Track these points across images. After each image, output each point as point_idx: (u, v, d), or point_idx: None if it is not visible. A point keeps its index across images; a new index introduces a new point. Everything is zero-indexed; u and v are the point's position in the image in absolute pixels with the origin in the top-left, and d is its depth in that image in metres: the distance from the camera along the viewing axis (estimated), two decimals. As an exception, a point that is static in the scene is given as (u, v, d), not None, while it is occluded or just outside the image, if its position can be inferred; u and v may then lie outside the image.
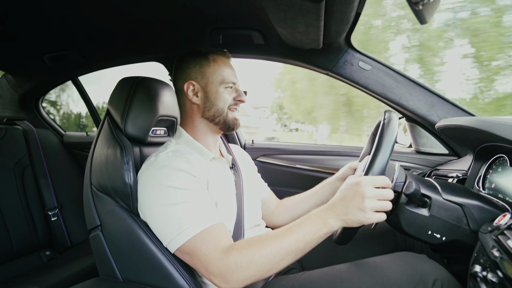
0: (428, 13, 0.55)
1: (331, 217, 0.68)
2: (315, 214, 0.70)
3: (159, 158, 0.81)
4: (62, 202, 1.74)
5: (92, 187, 0.91)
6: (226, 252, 0.69)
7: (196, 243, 0.71)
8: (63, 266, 1.45)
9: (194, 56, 0.92)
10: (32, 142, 1.73)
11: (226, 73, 0.91)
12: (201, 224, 0.72)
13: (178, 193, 0.74)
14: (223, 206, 0.84)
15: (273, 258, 0.67)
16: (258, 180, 1.17)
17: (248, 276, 0.68)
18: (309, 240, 0.68)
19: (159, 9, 1.02)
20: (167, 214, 0.74)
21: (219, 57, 0.92)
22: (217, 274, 0.68)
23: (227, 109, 0.91)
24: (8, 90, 1.79)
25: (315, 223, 0.68)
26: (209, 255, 0.69)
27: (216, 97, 0.90)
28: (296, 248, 0.68)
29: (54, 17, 1.06)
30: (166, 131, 1.10)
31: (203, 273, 0.71)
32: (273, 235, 0.71)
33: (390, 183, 0.69)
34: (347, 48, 1.22)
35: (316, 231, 0.68)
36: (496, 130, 0.80)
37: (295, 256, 0.69)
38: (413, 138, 1.37)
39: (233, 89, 0.93)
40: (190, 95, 0.90)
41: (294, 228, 0.70)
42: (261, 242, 0.69)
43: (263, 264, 0.67)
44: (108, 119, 0.98)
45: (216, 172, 0.89)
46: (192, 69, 0.90)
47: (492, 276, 0.53)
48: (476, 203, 0.72)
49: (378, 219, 0.66)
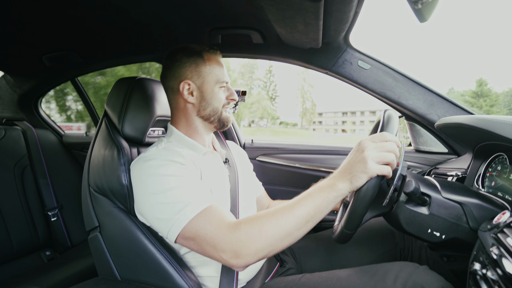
0: (427, 11, 0.55)
1: (338, 180, 0.67)
2: (324, 181, 0.69)
3: (148, 152, 0.80)
4: (61, 202, 1.74)
5: (90, 188, 0.91)
6: (234, 225, 0.67)
7: (198, 223, 0.68)
8: (63, 266, 1.45)
9: (189, 54, 0.89)
10: (31, 142, 1.73)
11: (220, 73, 0.91)
12: (199, 205, 0.69)
13: (170, 179, 0.72)
14: (216, 200, 0.83)
15: (284, 226, 0.65)
16: (254, 179, 1.17)
17: (260, 247, 0.64)
18: (319, 205, 0.66)
19: (158, 8, 1.02)
20: (162, 201, 0.71)
21: (212, 56, 0.92)
22: (227, 249, 0.65)
23: (221, 108, 0.92)
24: (7, 90, 1.78)
25: (323, 188, 0.67)
26: (215, 231, 0.66)
27: (212, 97, 0.90)
28: (307, 214, 0.65)
29: (52, 17, 1.05)
30: (164, 132, 1.10)
31: (211, 253, 0.67)
32: (283, 206, 0.68)
33: (389, 137, 0.67)
34: (346, 47, 1.22)
35: (326, 196, 0.66)
36: (496, 128, 0.80)
37: (307, 223, 0.66)
38: (413, 137, 1.38)
39: (226, 88, 0.94)
40: (186, 94, 0.89)
41: (304, 197, 0.68)
42: (271, 213, 0.67)
43: (275, 233, 0.64)
44: (106, 120, 0.98)
45: (209, 165, 0.88)
46: (188, 68, 0.89)
47: (491, 274, 0.53)
48: (476, 201, 0.72)
49: (381, 170, 0.64)
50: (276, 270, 0.98)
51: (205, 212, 0.69)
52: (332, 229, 0.88)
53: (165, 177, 0.73)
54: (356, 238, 1.00)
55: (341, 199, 0.68)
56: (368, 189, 0.66)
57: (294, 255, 1.06)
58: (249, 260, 0.65)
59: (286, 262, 1.01)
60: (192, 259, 0.83)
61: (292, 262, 1.03)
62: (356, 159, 0.66)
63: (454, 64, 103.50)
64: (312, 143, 1.65)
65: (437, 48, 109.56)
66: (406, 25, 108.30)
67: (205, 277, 0.83)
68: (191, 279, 0.78)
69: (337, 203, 0.67)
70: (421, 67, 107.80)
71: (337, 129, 44.46)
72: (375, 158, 0.64)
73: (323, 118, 47.69)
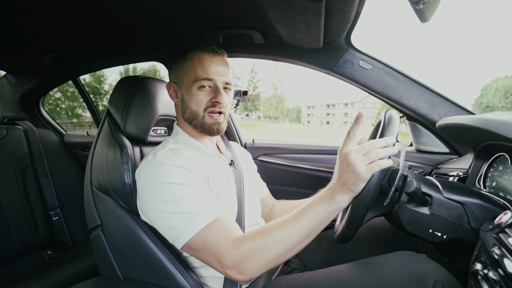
0: (428, 12, 0.55)
1: (337, 192, 0.67)
2: (323, 193, 0.70)
3: (157, 156, 0.79)
4: (63, 201, 1.75)
5: (92, 187, 0.91)
6: (238, 241, 0.67)
7: (206, 236, 0.68)
8: (65, 266, 1.46)
9: (176, 55, 0.90)
10: (33, 142, 1.73)
11: (199, 69, 0.83)
12: (208, 216, 0.70)
13: (179, 188, 0.72)
14: (223, 203, 0.83)
15: (287, 240, 0.66)
16: (258, 180, 1.17)
17: (264, 263, 0.66)
18: (320, 218, 0.67)
19: (160, 8, 1.02)
20: (171, 210, 0.71)
21: (198, 53, 0.84)
22: (232, 265, 0.66)
23: (203, 112, 0.85)
24: (9, 90, 1.79)
25: (323, 200, 0.68)
26: (221, 246, 0.67)
27: (190, 99, 0.85)
28: (309, 228, 0.67)
29: (54, 17, 1.06)
30: (166, 131, 1.10)
31: (216, 267, 0.69)
32: (284, 219, 0.70)
33: (374, 145, 0.65)
34: (347, 47, 1.22)
35: (326, 208, 0.67)
36: (497, 128, 0.80)
37: (308, 236, 0.68)
38: (414, 137, 1.37)
39: (212, 89, 0.85)
40: (173, 96, 0.90)
41: (304, 210, 0.69)
42: (273, 228, 0.68)
43: (278, 248, 0.66)
44: (108, 119, 0.99)
45: (215, 169, 0.88)
46: (172, 70, 0.90)
47: (493, 274, 0.53)
48: (477, 201, 0.72)
49: (372, 170, 0.63)
50: (281, 270, 0.98)
51: (213, 225, 0.69)
52: (333, 229, 0.88)
53: (173, 186, 0.73)
54: (360, 237, 1.00)
55: (342, 210, 0.69)
56: (369, 189, 0.66)
57: (298, 255, 1.06)
58: (252, 275, 0.66)
59: (291, 262, 1.02)
60: (195, 259, 0.83)
61: (297, 262, 1.03)
62: (346, 170, 0.66)
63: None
64: (313, 143, 1.65)
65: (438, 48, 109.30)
66: (406, 25, 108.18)
67: (208, 277, 0.83)
68: (193, 279, 0.78)
69: (338, 214, 0.69)
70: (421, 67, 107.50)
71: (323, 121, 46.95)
72: (362, 162, 0.64)
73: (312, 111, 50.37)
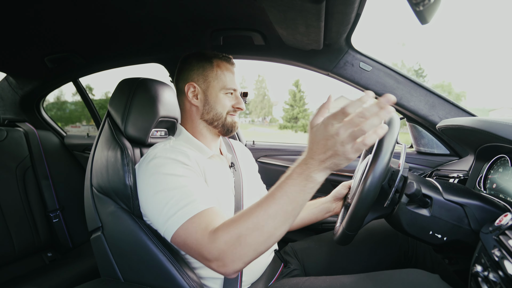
0: (428, 13, 0.55)
1: (313, 170, 0.58)
2: (296, 171, 0.61)
3: (155, 149, 0.82)
4: (63, 203, 1.74)
5: (92, 188, 0.91)
6: (213, 234, 0.65)
7: (187, 230, 0.68)
8: (65, 267, 1.45)
9: (199, 58, 0.92)
10: (33, 143, 1.73)
11: (228, 79, 0.92)
12: (192, 210, 0.69)
13: (169, 179, 0.74)
14: (220, 204, 0.84)
15: (262, 228, 0.61)
16: (259, 181, 1.17)
17: (243, 253, 0.62)
18: (296, 200, 0.60)
19: (160, 10, 1.03)
20: (159, 201, 0.73)
21: (223, 63, 0.93)
22: (212, 258, 0.64)
23: (225, 114, 0.92)
24: (9, 92, 1.79)
25: (297, 181, 0.60)
26: (199, 240, 0.66)
27: (216, 102, 0.91)
28: (285, 212, 0.60)
29: (55, 18, 1.06)
30: (166, 132, 1.10)
31: (201, 261, 0.68)
32: (256, 205, 0.64)
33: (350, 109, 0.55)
34: (347, 49, 1.22)
35: (301, 189, 0.59)
36: (497, 130, 0.80)
37: (287, 220, 0.61)
38: (414, 138, 1.37)
39: (233, 95, 0.94)
40: (190, 96, 0.91)
41: (275, 192, 0.61)
42: (245, 215, 0.63)
43: (254, 237, 0.61)
44: (109, 120, 0.99)
45: (214, 169, 0.88)
46: (195, 71, 0.91)
47: (493, 276, 0.53)
48: (477, 203, 0.71)
49: (358, 150, 0.54)
50: (281, 271, 0.98)
51: (195, 219, 0.68)
52: (334, 231, 0.88)
53: (165, 176, 0.75)
54: (360, 239, 1.00)
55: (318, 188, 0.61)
56: (369, 190, 0.66)
57: (297, 256, 1.06)
58: (236, 267, 0.63)
59: (290, 263, 1.01)
60: (195, 260, 0.83)
61: (296, 263, 1.03)
62: (327, 148, 0.56)
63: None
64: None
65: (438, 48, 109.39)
66: (407, 25, 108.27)
67: (208, 278, 0.83)
68: (193, 280, 0.78)
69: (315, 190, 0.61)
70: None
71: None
72: (348, 140, 0.54)
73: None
